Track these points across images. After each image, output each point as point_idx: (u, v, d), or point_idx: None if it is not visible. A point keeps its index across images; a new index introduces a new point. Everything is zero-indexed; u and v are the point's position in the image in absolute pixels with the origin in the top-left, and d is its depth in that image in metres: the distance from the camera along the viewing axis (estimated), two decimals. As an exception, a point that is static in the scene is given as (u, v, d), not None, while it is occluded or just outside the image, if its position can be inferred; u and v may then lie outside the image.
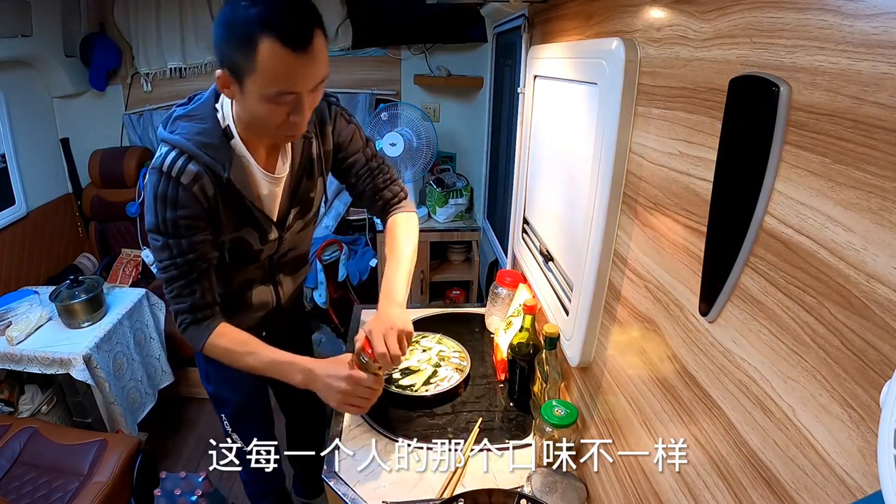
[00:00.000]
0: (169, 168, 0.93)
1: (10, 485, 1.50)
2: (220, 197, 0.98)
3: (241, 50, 0.80)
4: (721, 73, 0.58)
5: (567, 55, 1.10)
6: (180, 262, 0.98)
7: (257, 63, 0.79)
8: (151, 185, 0.94)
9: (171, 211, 0.93)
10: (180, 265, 0.98)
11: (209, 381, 1.32)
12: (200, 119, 0.96)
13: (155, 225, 0.95)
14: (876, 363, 0.40)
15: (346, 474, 1.02)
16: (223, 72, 0.85)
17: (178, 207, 0.94)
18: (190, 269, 0.99)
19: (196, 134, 0.95)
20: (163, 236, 0.95)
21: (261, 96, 0.83)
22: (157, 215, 0.94)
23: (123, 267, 2.58)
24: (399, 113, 2.49)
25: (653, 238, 0.76)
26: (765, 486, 0.52)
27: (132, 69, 2.63)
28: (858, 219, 0.41)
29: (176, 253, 0.97)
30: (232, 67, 0.83)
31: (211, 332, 1.02)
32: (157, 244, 0.97)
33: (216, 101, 0.98)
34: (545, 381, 1.08)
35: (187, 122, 0.96)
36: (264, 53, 0.78)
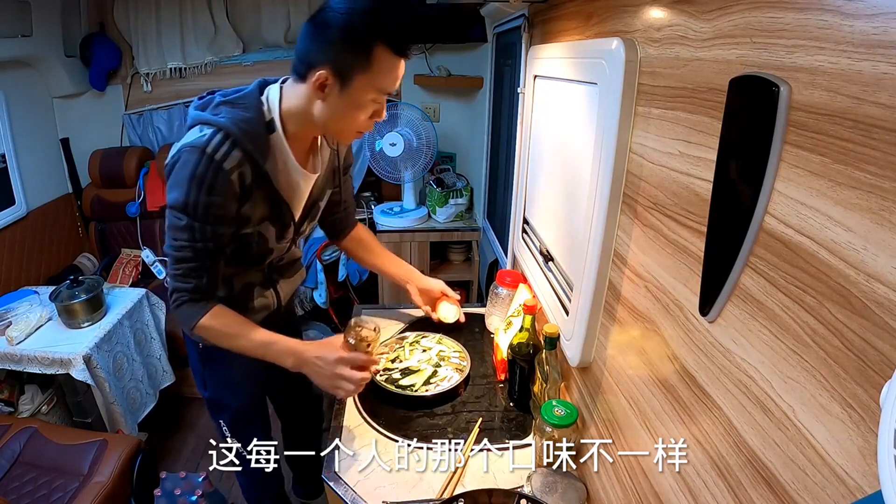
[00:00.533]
0: (214, 150, 0.93)
1: (10, 485, 1.50)
2: (256, 186, 0.99)
3: (356, 51, 0.90)
4: (721, 73, 0.58)
5: (567, 55, 1.10)
6: (199, 247, 0.98)
7: (371, 63, 0.90)
8: (189, 164, 0.93)
9: (205, 195, 0.93)
10: (199, 250, 0.98)
11: (206, 387, 1.30)
12: (245, 108, 0.98)
13: (183, 204, 0.94)
14: (876, 363, 0.40)
15: (346, 474, 1.02)
16: (326, 71, 0.91)
17: (213, 193, 0.94)
18: (205, 256, 0.99)
19: (241, 121, 0.96)
20: (188, 217, 0.95)
21: (365, 93, 0.93)
22: (189, 195, 0.93)
23: (123, 267, 2.58)
24: (399, 113, 2.49)
25: (653, 238, 0.76)
26: (765, 486, 0.52)
27: (132, 69, 2.63)
28: (858, 219, 0.41)
29: (198, 237, 0.97)
30: (339, 66, 0.91)
31: (206, 312, 1.03)
32: (178, 222, 0.96)
33: (261, 95, 1.01)
34: (545, 381, 1.08)
35: (232, 108, 0.98)
36: (379, 56, 0.90)
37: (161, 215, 2.61)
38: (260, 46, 2.70)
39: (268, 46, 2.69)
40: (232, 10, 2.61)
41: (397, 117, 2.49)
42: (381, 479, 1.02)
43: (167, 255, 1.01)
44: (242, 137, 0.95)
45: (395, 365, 1.33)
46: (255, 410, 1.35)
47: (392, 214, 2.64)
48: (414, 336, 1.45)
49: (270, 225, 1.07)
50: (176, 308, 1.04)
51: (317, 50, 0.92)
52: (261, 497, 1.53)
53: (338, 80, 0.92)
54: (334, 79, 0.92)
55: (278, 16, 2.63)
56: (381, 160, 2.52)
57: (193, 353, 1.27)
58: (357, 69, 0.91)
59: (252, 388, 1.31)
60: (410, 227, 2.60)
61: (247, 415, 1.32)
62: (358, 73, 0.91)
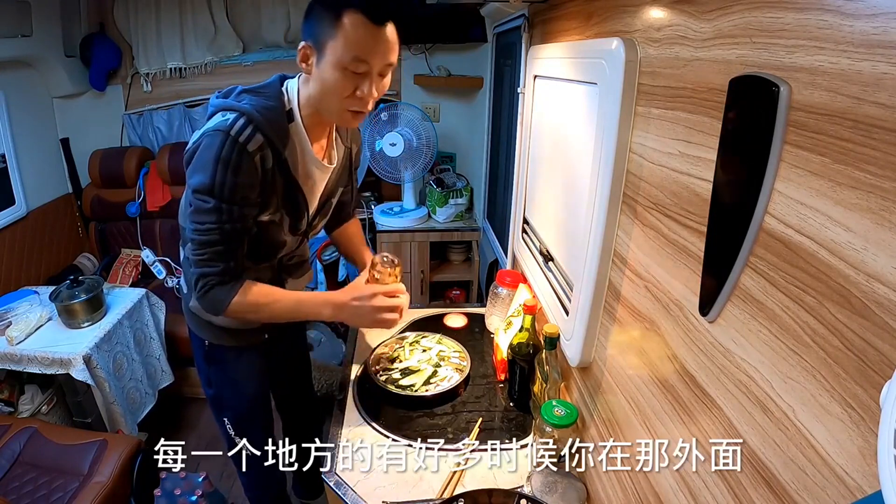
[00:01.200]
0: (237, 133, 0.94)
1: (10, 485, 1.50)
2: (276, 172, 1.01)
3: (327, 19, 0.90)
4: (721, 73, 0.58)
5: (567, 55, 1.10)
6: (228, 228, 0.97)
7: (340, 30, 0.89)
8: (213, 147, 0.93)
9: (231, 176, 0.94)
10: (227, 231, 0.97)
11: (210, 385, 1.31)
12: (266, 96, 1.00)
13: (209, 186, 0.94)
14: (876, 363, 0.40)
15: (346, 474, 1.02)
16: (305, 44, 0.93)
17: (239, 173, 0.94)
18: (233, 238, 0.99)
19: (263, 108, 0.97)
20: (215, 199, 0.94)
21: (337, 62, 0.91)
22: (215, 177, 0.93)
23: (123, 267, 2.58)
24: (399, 113, 2.48)
25: (653, 238, 0.76)
26: (765, 486, 0.52)
27: (132, 69, 2.63)
28: (858, 219, 0.41)
29: (225, 218, 0.96)
30: (316, 37, 0.92)
31: (237, 291, 1.02)
32: (205, 206, 0.95)
33: (281, 86, 1.03)
34: (545, 381, 1.08)
35: (254, 96, 0.99)
36: (348, 22, 0.89)
37: (161, 215, 2.61)
38: (260, 46, 2.70)
39: (268, 46, 2.69)
40: (232, 10, 2.61)
41: (397, 117, 2.49)
42: (381, 479, 1.02)
43: (191, 240, 1.00)
44: (264, 123, 0.96)
45: (395, 365, 1.33)
46: (258, 408, 1.35)
47: (392, 214, 2.64)
48: (414, 336, 1.45)
49: (286, 214, 1.08)
50: (203, 294, 1.02)
51: (303, 27, 0.95)
52: (262, 496, 1.53)
53: (315, 50, 0.93)
54: (312, 49, 0.93)
55: (278, 16, 2.63)
56: (381, 160, 2.52)
57: (199, 351, 1.28)
58: (328, 36, 0.90)
59: (256, 385, 1.32)
60: (410, 227, 2.60)
61: (251, 412, 1.33)
62: (329, 39, 0.90)
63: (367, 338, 1.50)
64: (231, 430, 1.32)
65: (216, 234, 0.97)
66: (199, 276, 1.02)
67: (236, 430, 1.32)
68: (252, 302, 1.04)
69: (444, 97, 2.75)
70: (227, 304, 1.02)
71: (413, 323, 1.57)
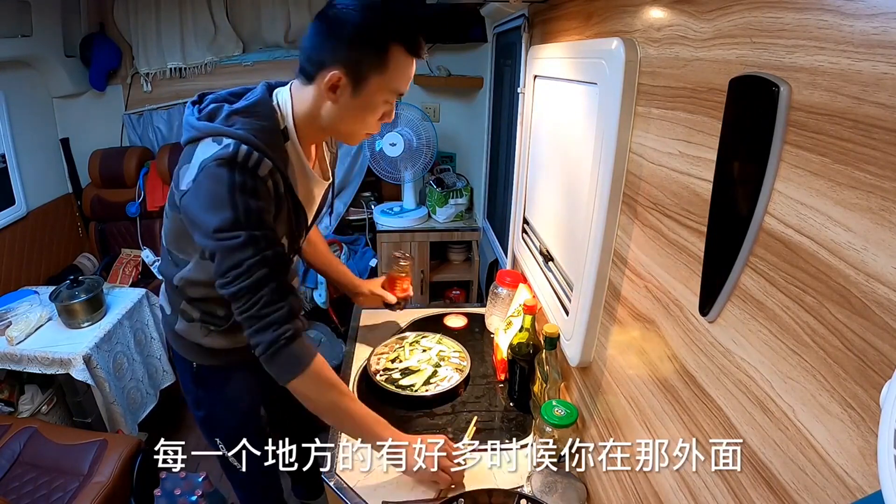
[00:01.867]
0: (244, 160, 0.85)
1: (10, 485, 1.50)
2: (285, 196, 0.94)
3: (372, 51, 0.87)
4: (721, 73, 0.58)
5: (567, 55, 1.10)
6: (270, 255, 0.86)
7: (387, 63, 0.88)
8: (223, 178, 0.84)
9: (253, 200, 0.85)
10: (270, 259, 0.86)
11: (200, 407, 1.23)
12: (260, 117, 0.92)
13: (233, 220, 0.83)
14: (876, 363, 0.40)
15: (346, 474, 1.02)
16: (339, 71, 0.87)
17: (258, 197, 0.86)
18: (279, 263, 0.88)
19: (260, 132, 0.90)
20: (245, 230, 0.84)
21: (379, 93, 0.91)
22: (237, 207, 0.83)
23: (123, 267, 2.58)
24: (399, 113, 2.48)
25: (653, 238, 0.76)
26: (765, 486, 0.52)
27: (132, 69, 2.63)
28: (858, 219, 0.41)
29: (264, 245, 0.85)
30: (354, 66, 0.87)
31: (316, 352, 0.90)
32: (236, 242, 0.83)
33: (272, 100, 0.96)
34: (545, 381, 1.08)
35: (246, 118, 0.91)
36: (394, 55, 0.88)
37: (160, 215, 2.58)
38: (260, 46, 2.70)
39: (268, 46, 2.69)
40: (232, 10, 2.61)
41: (397, 117, 2.49)
42: (380, 479, 1.02)
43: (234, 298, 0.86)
44: (265, 148, 0.89)
45: (395, 365, 1.33)
46: (251, 425, 1.30)
47: (392, 214, 2.64)
48: (414, 336, 1.45)
49: (291, 233, 1.00)
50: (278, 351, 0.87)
51: (328, 49, 0.88)
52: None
53: (351, 80, 0.88)
54: (347, 79, 0.88)
55: (278, 16, 2.62)
56: (381, 160, 2.52)
57: (186, 375, 1.21)
58: (372, 69, 0.87)
59: (248, 402, 1.27)
60: (410, 227, 2.59)
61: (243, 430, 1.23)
62: (373, 74, 0.88)
63: (368, 338, 1.50)
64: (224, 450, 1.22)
65: (261, 267, 0.85)
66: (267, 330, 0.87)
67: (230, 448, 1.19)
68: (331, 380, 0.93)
69: (444, 97, 2.75)
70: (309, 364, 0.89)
71: (413, 323, 1.57)
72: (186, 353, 1.17)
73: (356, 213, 2.82)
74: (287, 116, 0.95)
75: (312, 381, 0.91)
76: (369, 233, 2.81)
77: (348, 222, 2.85)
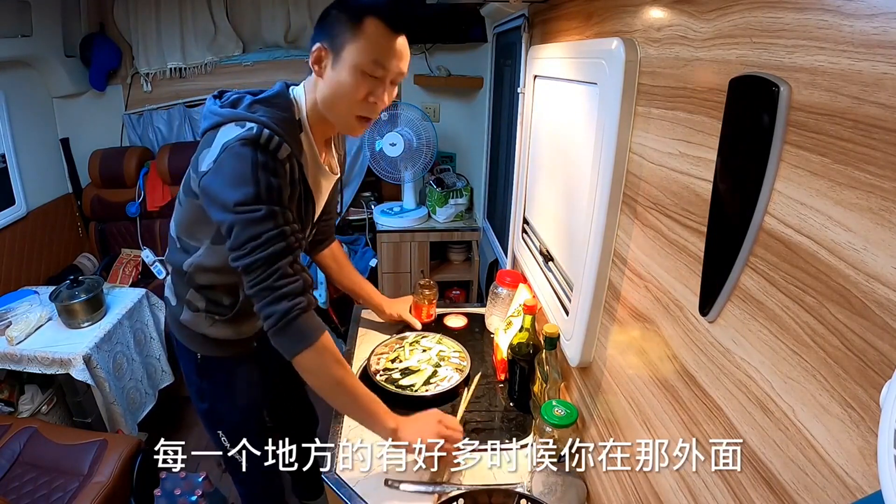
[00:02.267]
0: (266, 142, 0.90)
1: (10, 485, 1.50)
2: (299, 181, 0.99)
3: (347, 23, 0.90)
4: (721, 73, 0.58)
5: (567, 55, 1.10)
6: (288, 230, 0.90)
7: (361, 34, 0.90)
8: (246, 156, 0.88)
9: (273, 178, 0.90)
10: (288, 234, 0.90)
11: (203, 399, 1.25)
12: (279, 107, 0.98)
13: (255, 195, 0.87)
14: (876, 363, 0.40)
15: (346, 474, 1.02)
16: (320, 45, 0.93)
17: (278, 176, 0.91)
18: (297, 241, 0.93)
19: (280, 120, 0.95)
20: (265, 204, 0.88)
21: (356, 65, 0.91)
22: (259, 183, 0.88)
23: (123, 267, 2.58)
24: (399, 113, 2.48)
25: (653, 238, 0.76)
26: (765, 486, 0.52)
27: (132, 69, 2.63)
28: (858, 219, 0.41)
29: (282, 221, 0.89)
30: (333, 39, 0.92)
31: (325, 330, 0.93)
32: (256, 215, 0.87)
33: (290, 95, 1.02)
34: (545, 381, 1.08)
35: (268, 107, 0.96)
36: (369, 28, 0.90)
37: (161, 215, 2.61)
38: (260, 46, 2.70)
39: (268, 46, 2.69)
40: (232, 10, 2.61)
41: (397, 117, 2.49)
42: (381, 479, 1.02)
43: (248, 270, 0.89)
44: (284, 135, 0.94)
45: (395, 365, 1.33)
46: (253, 418, 1.32)
47: (392, 214, 2.64)
48: (414, 336, 1.45)
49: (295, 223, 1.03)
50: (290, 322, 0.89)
51: (317, 30, 0.95)
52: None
53: (331, 52, 0.93)
54: (328, 51, 0.93)
55: (278, 16, 2.63)
56: (381, 160, 2.52)
57: (190, 365, 1.22)
58: (348, 40, 0.91)
59: (250, 394, 1.28)
60: (410, 227, 2.59)
61: (246, 423, 1.28)
62: (349, 44, 0.91)
63: (368, 338, 1.50)
64: (227, 443, 1.26)
65: (280, 240, 0.89)
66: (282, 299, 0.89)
67: (232, 442, 1.25)
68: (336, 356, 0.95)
69: (444, 97, 2.75)
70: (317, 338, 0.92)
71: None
72: (191, 343, 1.19)
73: (356, 213, 2.82)
74: (301, 109, 1.01)
75: (319, 356, 0.93)
76: (369, 233, 2.81)
77: (348, 222, 2.85)
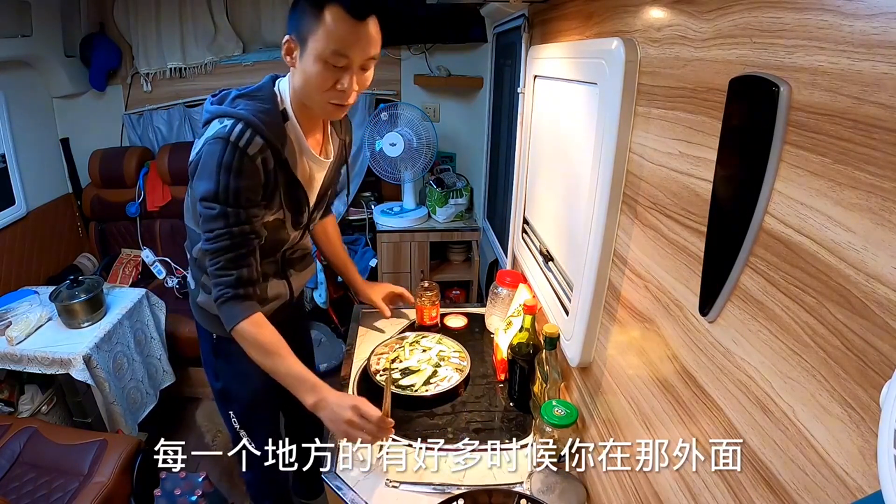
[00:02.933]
0: (237, 138, 0.97)
1: (10, 485, 1.50)
2: (278, 172, 1.04)
3: (310, 13, 0.93)
4: (721, 73, 0.58)
5: (567, 55, 1.10)
6: (235, 231, 0.99)
7: (322, 24, 0.92)
8: (215, 154, 0.97)
9: (234, 180, 0.97)
10: (234, 235, 0.99)
11: (218, 378, 1.31)
12: (261, 99, 1.03)
13: (213, 193, 0.97)
14: (876, 363, 0.40)
15: (346, 474, 1.02)
16: (289, 37, 0.97)
17: (241, 177, 0.97)
18: (243, 242, 1.01)
19: (258, 111, 1.01)
20: (221, 204, 0.97)
21: (318, 55, 0.94)
22: (219, 183, 0.96)
23: (123, 267, 2.58)
24: (399, 113, 2.48)
25: (653, 238, 0.76)
26: (765, 486, 0.52)
27: (132, 69, 2.63)
28: (858, 219, 0.41)
29: (232, 222, 0.99)
30: (299, 31, 0.95)
31: (248, 317, 1.02)
32: (211, 213, 0.98)
33: (274, 86, 1.06)
34: (545, 381, 1.08)
35: (249, 100, 1.03)
36: (329, 16, 0.92)
37: (161, 215, 2.61)
38: (260, 46, 2.70)
39: (268, 46, 2.69)
40: (232, 10, 2.61)
41: (397, 117, 2.49)
42: (381, 479, 1.02)
43: (204, 251, 1.03)
44: (261, 126, 0.99)
45: (395, 365, 1.33)
46: (264, 402, 1.36)
47: (392, 214, 2.64)
48: (414, 336, 1.45)
49: (288, 211, 1.11)
50: (220, 305, 1.04)
51: (288, 21, 0.99)
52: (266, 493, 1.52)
53: (299, 43, 0.96)
54: (295, 42, 0.97)
55: (278, 16, 2.63)
56: (381, 160, 2.52)
57: (206, 345, 1.29)
58: (310, 30, 0.94)
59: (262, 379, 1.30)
60: (410, 227, 2.60)
61: (256, 406, 1.34)
62: (312, 34, 0.94)
63: (368, 338, 1.50)
64: (236, 423, 1.33)
65: (226, 238, 0.99)
66: (216, 286, 1.03)
67: (241, 423, 1.33)
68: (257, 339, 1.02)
69: (444, 97, 2.75)
70: (238, 322, 1.02)
71: (413, 323, 1.57)
72: (207, 324, 1.26)
73: (356, 213, 2.82)
74: (286, 99, 1.06)
75: (240, 338, 1.04)
76: (369, 233, 2.81)
77: (348, 222, 2.85)
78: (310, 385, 1.02)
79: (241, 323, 1.02)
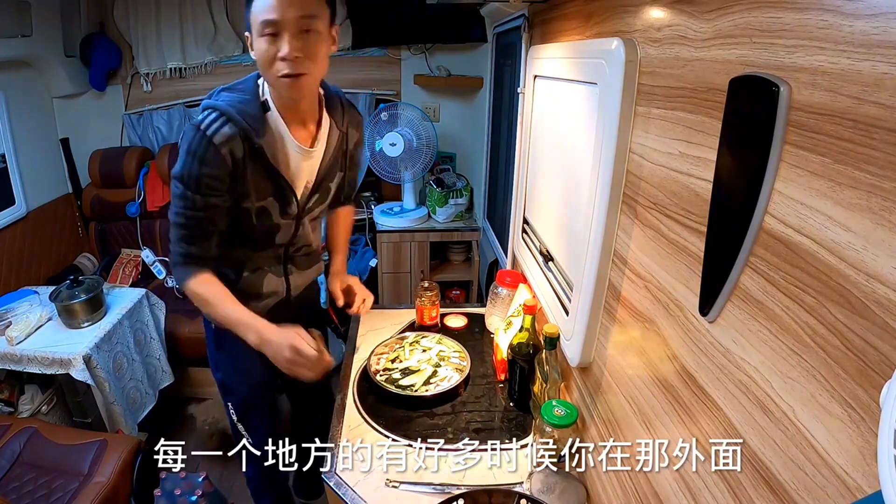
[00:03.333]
0: (206, 127, 1.02)
1: (10, 485, 1.50)
2: (249, 161, 1.07)
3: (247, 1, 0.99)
4: (721, 73, 0.58)
5: (567, 55, 1.10)
6: (190, 215, 1.06)
7: (251, 4, 0.97)
8: (187, 139, 1.04)
9: (197, 166, 1.03)
10: (190, 217, 1.06)
11: (218, 369, 1.34)
12: (242, 91, 1.09)
13: (181, 174, 1.04)
14: (876, 363, 0.40)
15: (346, 474, 1.02)
16: (247, 34, 1.02)
17: (203, 165, 1.03)
18: (198, 226, 1.07)
19: (237, 102, 1.06)
20: (184, 186, 1.04)
21: (256, 33, 0.98)
22: (185, 167, 1.04)
23: (123, 267, 2.58)
24: (399, 113, 2.48)
25: (653, 238, 0.76)
26: (765, 485, 0.52)
27: (132, 69, 2.63)
28: (858, 219, 0.41)
29: (189, 205, 1.05)
30: (247, 22, 1.00)
31: (191, 277, 1.09)
32: (177, 191, 1.06)
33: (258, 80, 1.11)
34: (545, 381, 1.08)
35: (230, 93, 1.09)
36: None
37: (161, 215, 2.61)
38: (260, 46, 2.70)
39: (268, 46, 2.69)
40: (232, 10, 2.60)
41: (397, 117, 2.49)
42: (381, 479, 1.02)
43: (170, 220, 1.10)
44: (236, 115, 1.03)
45: (395, 365, 1.33)
46: (262, 397, 1.36)
47: (392, 214, 2.64)
48: (414, 336, 1.45)
49: (274, 199, 1.13)
50: (172, 266, 1.13)
51: None
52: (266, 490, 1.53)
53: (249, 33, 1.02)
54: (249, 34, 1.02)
55: (278, 16, 2.62)
56: (381, 160, 2.52)
57: (209, 333, 1.32)
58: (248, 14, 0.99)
59: (261, 372, 1.30)
60: (410, 227, 2.60)
61: (254, 400, 1.35)
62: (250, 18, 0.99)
63: (368, 338, 1.50)
64: (234, 415, 1.34)
65: (182, 218, 1.07)
66: (171, 253, 1.12)
67: (239, 416, 1.34)
68: (200, 295, 1.10)
69: (444, 97, 2.75)
70: (184, 282, 1.10)
71: (413, 323, 1.57)
72: None
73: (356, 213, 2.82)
74: (267, 91, 1.09)
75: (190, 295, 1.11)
76: (369, 232, 2.81)
77: (348, 222, 2.84)
78: (253, 327, 1.07)
79: (187, 281, 1.09)
